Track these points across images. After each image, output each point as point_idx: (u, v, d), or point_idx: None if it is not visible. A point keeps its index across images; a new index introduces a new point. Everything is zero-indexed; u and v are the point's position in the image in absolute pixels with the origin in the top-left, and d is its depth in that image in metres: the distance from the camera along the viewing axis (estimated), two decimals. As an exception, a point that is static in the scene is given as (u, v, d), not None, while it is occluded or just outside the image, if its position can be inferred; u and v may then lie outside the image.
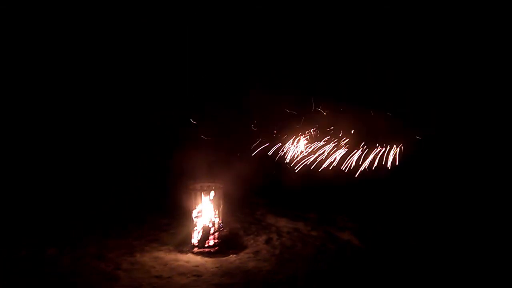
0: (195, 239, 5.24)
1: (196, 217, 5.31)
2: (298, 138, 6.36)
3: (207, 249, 5.18)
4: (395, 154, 6.20)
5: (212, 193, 5.31)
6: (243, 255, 5.13)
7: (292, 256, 5.06)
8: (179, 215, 5.56)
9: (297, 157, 6.27)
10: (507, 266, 4.50)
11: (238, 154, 6.29)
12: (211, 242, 5.22)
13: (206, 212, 5.32)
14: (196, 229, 5.26)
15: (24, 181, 6.41)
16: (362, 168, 6.10)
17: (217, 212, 5.35)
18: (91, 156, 6.96)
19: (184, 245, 5.26)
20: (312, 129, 6.44)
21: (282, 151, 6.37)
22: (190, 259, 5.00)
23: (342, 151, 6.19)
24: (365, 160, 6.17)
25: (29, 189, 6.33)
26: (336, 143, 6.25)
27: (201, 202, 5.31)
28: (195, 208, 5.31)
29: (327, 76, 7.09)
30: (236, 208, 6.14)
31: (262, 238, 5.53)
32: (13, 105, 6.86)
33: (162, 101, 7.22)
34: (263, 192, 6.74)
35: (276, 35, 7.25)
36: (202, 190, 5.32)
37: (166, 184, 6.46)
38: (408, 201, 6.09)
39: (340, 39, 6.99)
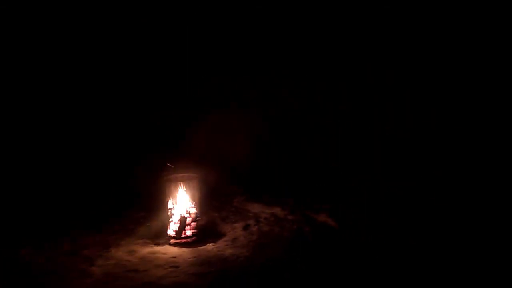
0: (171, 230, 5.19)
1: (172, 208, 5.26)
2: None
3: (184, 240, 5.13)
4: None
5: (187, 183, 5.27)
6: (220, 243, 5.10)
7: (269, 241, 5.04)
8: (155, 208, 5.50)
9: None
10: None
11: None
12: (188, 232, 5.17)
13: (182, 203, 5.27)
14: (173, 220, 5.22)
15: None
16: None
17: (193, 202, 5.30)
18: (70, 157, 6.88)
19: (160, 237, 5.22)
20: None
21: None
22: (167, 250, 4.96)
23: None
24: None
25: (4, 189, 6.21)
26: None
27: (177, 192, 5.26)
28: (170, 199, 5.27)
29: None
30: (213, 197, 6.11)
31: (240, 225, 5.49)
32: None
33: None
34: (240, 180, 6.66)
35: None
36: (177, 180, 5.28)
37: (141, 177, 6.36)
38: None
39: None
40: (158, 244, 5.09)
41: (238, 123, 6.78)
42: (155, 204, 5.52)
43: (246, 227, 5.39)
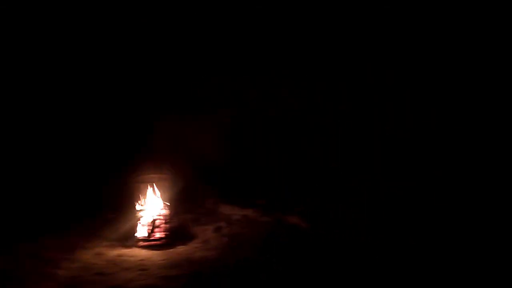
0: (141, 232, 5.10)
1: (142, 210, 5.19)
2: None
3: (154, 242, 5.04)
4: None
5: (159, 184, 5.18)
6: (191, 245, 5.00)
7: (241, 243, 4.91)
8: (125, 209, 5.43)
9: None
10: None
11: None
12: (158, 235, 5.09)
13: (153, 204, 5.20)
14: (142, 222, 5.13)
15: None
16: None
17: (164, 204, 5.22)
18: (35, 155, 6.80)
19: (129, 239, 5.13)
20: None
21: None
22: (136, 253, 4.86)
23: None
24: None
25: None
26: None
27: (148, 194, 5.20)
28: (141, 201, 5.20)
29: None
30: (185, 198, 5.92)
31: (211, 227, 5.38)
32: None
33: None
34: (213, 181, 6.51)
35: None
36: (148, 182, 5.21)
37: (111, 177, 6.21)
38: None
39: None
40: (126, 247, 5.00)
41: (210, 123, 6.74)
42: (124, 205, 5.44)
43: (217, 230, 5.29)
